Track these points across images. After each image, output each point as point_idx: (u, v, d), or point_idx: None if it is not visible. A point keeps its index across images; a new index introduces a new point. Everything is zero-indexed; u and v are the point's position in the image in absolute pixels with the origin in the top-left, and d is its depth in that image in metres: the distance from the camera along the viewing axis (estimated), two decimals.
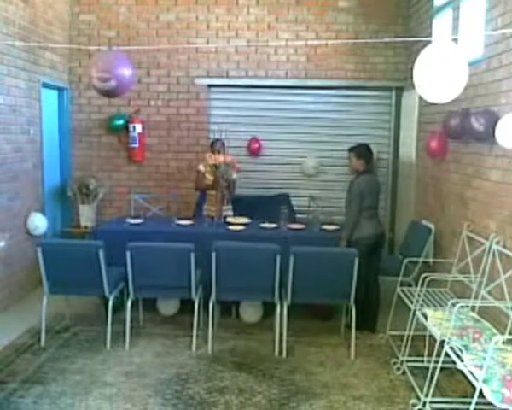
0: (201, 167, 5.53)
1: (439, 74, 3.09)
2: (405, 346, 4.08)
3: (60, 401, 3.50)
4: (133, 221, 5.18)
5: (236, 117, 6.91)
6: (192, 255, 4.12)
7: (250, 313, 4.82)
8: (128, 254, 4.10)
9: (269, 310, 4.70)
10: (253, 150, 6.89)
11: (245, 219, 5.31)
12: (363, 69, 6.73)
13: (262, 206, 6.03)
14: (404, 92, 6.73)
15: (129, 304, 4.27)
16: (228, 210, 5.60)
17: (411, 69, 3.36)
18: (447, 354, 3.16)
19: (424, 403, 3.39)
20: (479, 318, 3.68)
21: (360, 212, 4.67)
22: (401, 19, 6.58)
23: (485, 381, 2.76)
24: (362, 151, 4.82)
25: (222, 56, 6.76)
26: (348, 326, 4.52)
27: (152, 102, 6.83)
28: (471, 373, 2.89)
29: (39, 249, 4.19)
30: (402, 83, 6.67)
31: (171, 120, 6.85)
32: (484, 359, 2.93)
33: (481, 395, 2.74)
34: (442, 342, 3.29)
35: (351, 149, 4.89)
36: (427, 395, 3.38)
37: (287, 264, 4.14)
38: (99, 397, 3.56)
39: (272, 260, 4.12)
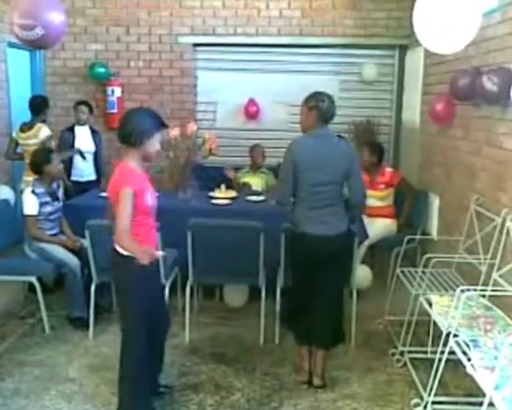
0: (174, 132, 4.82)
1: (446, 19, 2.57)
2: (406, 333, 3.65)
3: (12, 400, 3.11)
4: (105, 194, 4.65)
5: (225, 80, 6.35)
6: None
7: (234, 296, 4.36)
8: (87, 233, 3.63)
9: (256, 293, 4.24)
10: (251, 114, 6.37)
11: (233, 193, 4.85)
12: (363, 25, 6.13)
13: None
14: (408, 51, 6.16)
15: (93, 288, 3.81)
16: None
17: None
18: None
19: (426, 404, 2.96)
20: (490, 305, 3.23)
21: None
22: None
23: (496, 386, 2.33)
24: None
25: (208, 12, 6.17)
26: None
27: (132, 64, 6.28)
28: (479, 377, 2.45)
29: None
30: (406, 40, 6.06)
31: (154, 83, 6.32)
32: (495, 358, 2.49)
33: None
34: (448, 333, 2.85)
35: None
36: (429, 394, 2.95)
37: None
38: (57, 396, 3.17)
39: (256, 240, 3.65)
